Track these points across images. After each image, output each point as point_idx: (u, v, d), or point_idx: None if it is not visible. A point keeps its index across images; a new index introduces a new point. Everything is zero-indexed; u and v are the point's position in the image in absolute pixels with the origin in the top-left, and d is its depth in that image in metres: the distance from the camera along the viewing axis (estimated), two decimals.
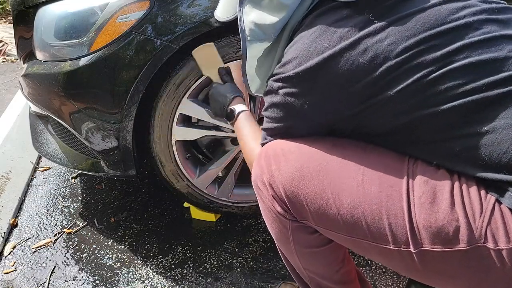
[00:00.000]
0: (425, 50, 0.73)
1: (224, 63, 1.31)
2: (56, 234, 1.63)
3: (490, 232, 0.67)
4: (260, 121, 1.44)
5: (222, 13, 1.00)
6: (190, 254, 1.51)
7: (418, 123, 0.74)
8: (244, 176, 1.59)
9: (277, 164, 0.84)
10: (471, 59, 0.71)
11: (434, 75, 0.72)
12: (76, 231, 1.64)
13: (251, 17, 0.89)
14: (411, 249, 0.73)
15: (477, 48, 0.72)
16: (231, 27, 1.27)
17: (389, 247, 0.75)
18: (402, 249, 0.74)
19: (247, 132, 1.08)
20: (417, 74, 0.72)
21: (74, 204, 1.79)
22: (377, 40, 0.74)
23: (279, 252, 1.03)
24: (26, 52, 1.47)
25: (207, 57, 1.28)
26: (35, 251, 1.55)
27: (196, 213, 1.67)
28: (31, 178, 1.97)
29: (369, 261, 1.44)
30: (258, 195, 0.91)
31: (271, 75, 0.86)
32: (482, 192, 0.70)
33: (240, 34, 0.91)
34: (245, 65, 0.95)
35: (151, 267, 1.46)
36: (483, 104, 0.70)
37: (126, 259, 1.50)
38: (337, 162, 0.80)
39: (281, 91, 0.83)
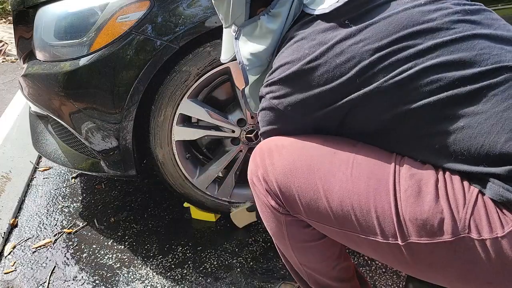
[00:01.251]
0: (398, 50, 0.76)
1: (225, 63, 1.32)
2: (56, 234, 1.63)
3: (473, 223, 0.69)
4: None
5: (224, 55, 1.09)
6: (190, 254, 1.51)
7: (398, 121, 0.77)
8: (244, 176, 1.59)
9: (271, 159, 0.87)
10: (443, 57, 0.74)
11: (408, 73, 0.75)
12: (76, 231, 1.64)
13: (246, 48, 0.97)
14: (399, 241, 0.75)
15: (449, 46, 0.75)
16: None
17: (378, 239, 0.77)
18: (390, 241, 0.76)
19: None
20: (392, 72, 0.75)
21: (74, 204, 1.79)
22: (352, 42, 0.79)
23: (277, 249, 1.04)
24: (26, 52, 1.47)
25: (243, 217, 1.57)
26: (35, 251, 1.55)
27: (196, 213, 1.67)
28: (31, 178, 1.97)
29: (369, 261, 1.44)
30: (254, 191, 0.94)
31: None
32: (466, 184, 0.72)
33: (240, 67, 0.98)
34: (247, 89, 1.03)
35: (151, 267, 1.46)
36: (457, 100, 0.72)
37: (126, 259, 1.50)
38: (328, 157, 0.83)
39: (267, 96, 0.88)
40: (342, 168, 0.80)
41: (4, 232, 1.62)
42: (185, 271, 1.44)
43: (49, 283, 1.42)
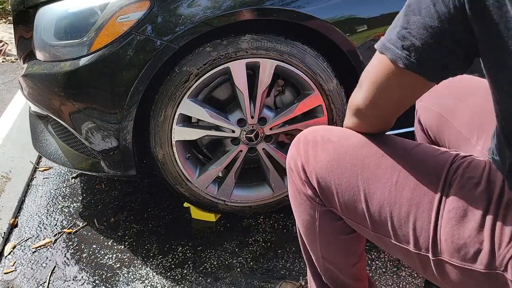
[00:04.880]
0: None
1: (225, 63, 1.32)
2: (56, 234, 1.63)
3: None
4: (260, 121, 1.44)
5: None
6: (190, 254, 1.51)
7: None
8: (244, 177, 1.59)
9: (314, 151, 0.85)
10: None
11: None
12: (76, 231, 1.64)
13: None
14: (430, 255, 0.74)
15: None
16: (231, 27, 1.28)
17: (409, 248, 0.76)
18: (421, 253, 0.75)
19: None
20: None
21: (74, 204, 1.79)
22: None
23: (299, 239, 1.04)
24: (26, 52, 1.47)
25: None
26: (35, 251, 1.55)
27: (196, 213, 1.67)
28: (31, 178, 1.96)
29: (369, 261, 1.44)
30: (290, 176, 0.92)
31: None
32: None
33: None
34: None
35: (151, 267, 1.46)
36: None
37: (126, 259, 1.50)
38: (374, 159, 0.80)
39: None
40: (387, 174, 0.78)
41: (4, 232, 1.62)
42: (185, 271, 1.44)
43: (49, 283, 1.42)
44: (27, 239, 1.61)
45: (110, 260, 1.50)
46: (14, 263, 1.51)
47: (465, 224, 0.70)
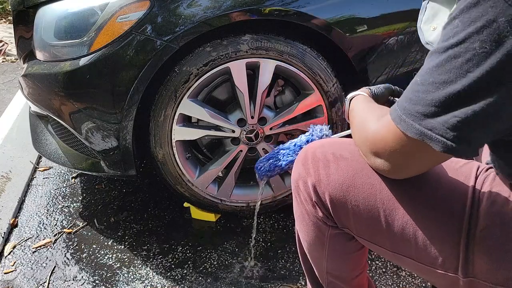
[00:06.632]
0: None
1: (225, 63, 1.32)
2: (56, 234, 1.63)
3: None
4: (260, 121, 1.44)
5: None
6: (190, 254, 1.51)
7: None
8: (244, 176, 1.59)
9: (326, 169, 0.79)
10: None
11: None
12: (76, 231, 1.64)
13: None
14: (460, 276, 0.69)
15: None
16: (231, 27, 1.28)
17: (435, 269, 0.72)
18: (449, 274, 0.71)
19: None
20: None
21: (74, 204, 1.79)
22: None
23: (300, 254, 1.01)
24: (26, 52, 1.47)
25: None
26: (35, 251, 1.55)
27: (196, 213, 1.67)
28: (31, 178, 1.96)
29: (369, 261, 1.44)
30: (297, 195, 0.87)
31: None
32: None
33: None
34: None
35: (151, 267, 1.46)
36: None
37: (126, 259, 1.50)
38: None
39: None
40: (410, 192, 0.72)
41: (4, 232, 1.62)
42: (185, 271, 1.44)
43: (49, 283, 1.42)
44: (27, 239, 1.61)
45: (110, 260, 1.50)
46: (14, 263, 1.51)
47: (502, 244, 0.65)
